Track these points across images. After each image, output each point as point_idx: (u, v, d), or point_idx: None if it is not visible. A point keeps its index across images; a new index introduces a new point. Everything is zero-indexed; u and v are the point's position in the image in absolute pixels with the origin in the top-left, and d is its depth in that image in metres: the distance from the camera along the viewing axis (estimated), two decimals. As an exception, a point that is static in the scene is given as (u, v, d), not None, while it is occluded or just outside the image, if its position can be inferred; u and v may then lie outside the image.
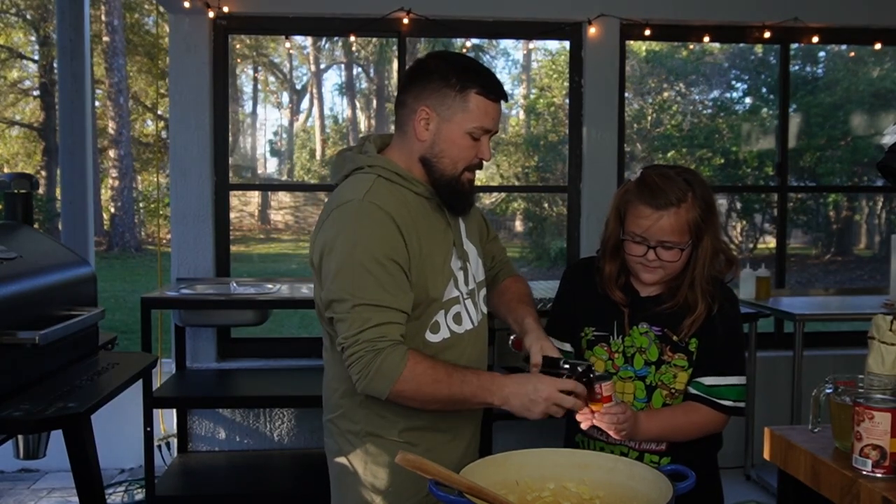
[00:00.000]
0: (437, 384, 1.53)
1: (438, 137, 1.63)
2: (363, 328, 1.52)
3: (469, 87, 1.60)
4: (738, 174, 13.54)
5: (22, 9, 17.27)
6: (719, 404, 1.72)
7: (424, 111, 1.62)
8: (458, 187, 1.66)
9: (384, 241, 1.55)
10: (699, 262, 1.72)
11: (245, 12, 3.99)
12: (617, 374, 1.75)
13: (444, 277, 1.64)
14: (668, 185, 1.69)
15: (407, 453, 1.22)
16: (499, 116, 1.66)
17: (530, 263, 14.93)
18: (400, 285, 1.56)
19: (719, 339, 1.74)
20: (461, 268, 1.69)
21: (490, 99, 1.62)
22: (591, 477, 1.38)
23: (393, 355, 1.51)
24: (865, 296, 4.38)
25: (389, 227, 1.56)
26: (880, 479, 1.33)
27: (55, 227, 12.70)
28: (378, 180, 1.62)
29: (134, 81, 17.57)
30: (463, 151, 1.63)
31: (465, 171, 1.66)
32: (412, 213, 1.62)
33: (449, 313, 1.66)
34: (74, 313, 2.24)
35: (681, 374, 1.70)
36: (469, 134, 1.61)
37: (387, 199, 1.59)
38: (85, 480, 2.12)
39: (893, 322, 1.50)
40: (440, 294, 1.63)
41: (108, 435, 3.12)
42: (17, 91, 17.79)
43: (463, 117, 1.61)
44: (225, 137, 4.10)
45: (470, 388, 1.54)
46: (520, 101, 17.83)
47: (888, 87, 13.28)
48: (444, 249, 1.66)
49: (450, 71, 1.61)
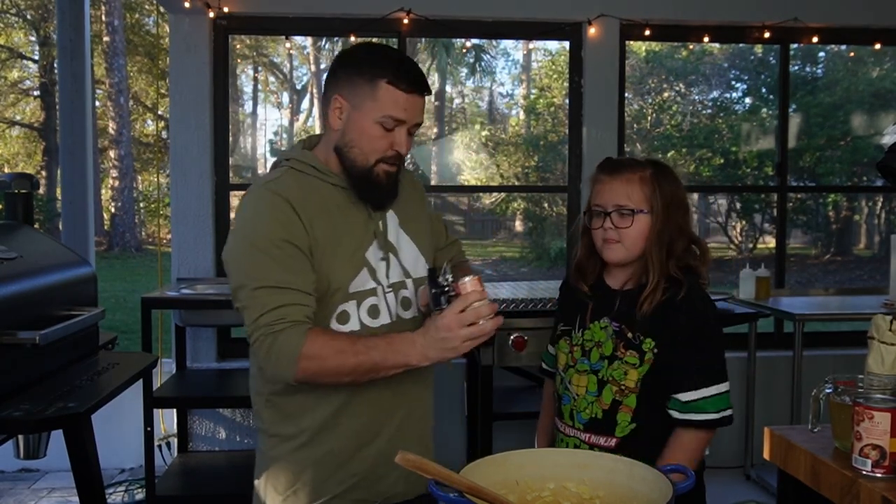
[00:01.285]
0: (341, 354, 1.48)
1: (349, 127, 1.58)
2: (262, 312, 1.48)
3: (379, 76, 1.54)
4: (737, 174, 13.55)
5: (22, 9, 17.29)
6: (700, 421, 1.66)
7: (338, 100, 1.58)
8: (372, 179, 1.59)
9: (280, 224, 1.52)
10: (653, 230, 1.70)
11: (245, 12, 3.99)
12: (574, 366, 1.77)
13: (353, 266, 1.59)
14: (628, 160, 1.78)
15: (407, 453, 1.22)
16: (416, 108, 1.59)
17: (530, 263, 14.95)
18: (300, 266, 1.52)
19: (684, 343, 1.67)
20: (382, 259, 1.63)
21: (400, 89, 1.55)
22: (591, 477, 1.38)
23: (290, 334, 1.47)
24: (865, 296, 4.38)
25: (285, 210, 1.52)
26: (880, 478, 1.33)
27: (55, 227, 12.71)
28: (288, 171, 1.61)
29: (134, 81, 17.59)
30: (373, 142, 1.57)
31: (381, 164, 1.59)
32: (322, 202, 1.58)
33: (363, 305, 1.60)
34: (74, 313, 2.24)
35: (631, 371, 1.68)
36: (380, 124, 1.56)
37: (287, 186, 1.56)
38: (85, 480, 2.12)
39: (893, 322, 1.50)
40: (345, 283, 1.58)
41: (108, 435, 3.12)
42: (18, 91, 17.81)
43: (372, 106, 1.55)
44: (225, 137, 4.10)
45: (379, 352, 1.48)
46: (520, 101, 17.86)
47: (888, 87, 13.30)
48: (359, 239, 1.61)
49: (362, 60, 1.57)
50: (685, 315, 1.68)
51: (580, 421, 1.74)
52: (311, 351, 1.46)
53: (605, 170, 1.76)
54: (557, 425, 1.81)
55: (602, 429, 1.71)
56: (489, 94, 19.11)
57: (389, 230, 1.66)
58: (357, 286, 1.59)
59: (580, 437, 1.75)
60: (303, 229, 1.53)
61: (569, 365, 1.79)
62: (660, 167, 1.76)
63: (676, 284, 1.69)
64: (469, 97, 19.34)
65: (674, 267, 1.71)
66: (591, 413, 1.72)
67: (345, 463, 1.62)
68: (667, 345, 1.67)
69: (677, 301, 1.67)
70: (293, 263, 1.51)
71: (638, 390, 1.68)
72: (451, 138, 17.85)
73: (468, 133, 17.33)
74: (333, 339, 1.50)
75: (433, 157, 17.64)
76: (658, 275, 1.69)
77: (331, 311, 1.58)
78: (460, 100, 19.41)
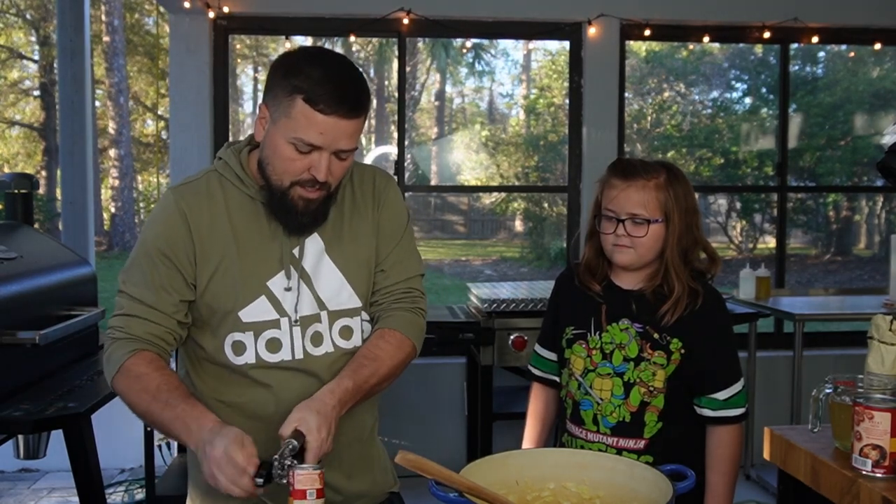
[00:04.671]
0: (140, 394, 1.36)
1: (267, 141, 1.41)
2: (115, 313, 1.45)
3: (297, 90, 1.35)
4: (737, 174, 13.55)
5: (22, 9, 17.29)
6: (735, 416, 1.72)
7: (262, 109, 1.42)
8: (285, 203, 1.42)
9: (164, 235, 1.43)
10: (669, 242, 1.71)
11: (245, 12, 3.99)
12: (595, 370, 1.74)
13: (248, 292, 1.44)
14: (641, 163, 1.74)
15: (407, 452, 1.22)
16: (336, 132, 1.37)
17: (530, 263, 14.95)
18: (168, 283, 1.42)
19: (713, 344, 1.72)
20: (288, 289, 1.46)
21: (317, 110, 1.34)
22: (591, 477, 1.38)
23: (120, 346, 1.40)
24: (865, 296, 4.39)
25: (175, 221, 1.43)
26: (880, 479, 1.33)
27: (55, 227, 12.71)
28: (210, 174, 1.50)
29: (134, 81, 17.59)
30: (286, 163, 1.39)
31: (296, 187, 1.40)
32: (228, 215, 1.45)
33: (261, 337, 1.45)
34: (74, 313, 2.24)
35: (659, 371, 1.69)
36: (292, 144, 1.37)
37: (194, 195, 1.46)
38: (85, 480, 2.12)
39: (893, 322, 1.50)
40: (233, 309, 1.44)
41: (108, 435, 3.12)
42: (18, 91, 17.80)
43: (285, 123, 1.36)
44: (225, 137, 4.10)
45: (171, 413, 1.33)
46: (520, 101, 17.85)
47: (888, 87, 13.29)
48: (262, 264, 1.46)
49: (287, 69, 1.38)
50: (710, 317, 1.72)
51: (606, 425, 1.71)
52: (124, 375, 1.39)
53: (619, 174, 1.73)
54: (574, 431, 1.77)
55: (630, 431, 1.71)
56: (489, 94, 19.11)
57: (307, 256, 1.48)
58: (253, 316, 1.45)
59: (606, 441, 1.72)
60: (189, 244, 1.43)
61: (588, 369, 1.74)
62: (672, 171, 1.74)
63: (694, 290, 1.72)
64: (469, 97, 19.33)
65: (689, 275, 1.73)
66: (619, 416, 1.71)
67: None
68: (695, 345, 1.70)
69: (699, 306, 1.71)
70: (159, 280, 1.42)
71: (665, 390, 1.70)
72: (451, 138, 17.84)
73: (468, 133, 17.32)
74: (144, 377, 1.37)
75: (433, 157, 17.63)
76: (682, 287, 1.70)
77: (222, 339, 1.46)
78: (460, 100, 19.40)
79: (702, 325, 1.71)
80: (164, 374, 1.38)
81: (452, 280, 13.26)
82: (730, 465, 1.72)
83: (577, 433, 1.76)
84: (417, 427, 3.95)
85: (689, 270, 1.74)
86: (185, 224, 1.43)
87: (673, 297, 1.70)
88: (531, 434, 1.90)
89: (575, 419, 1.77)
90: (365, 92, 1.41)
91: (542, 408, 1.90)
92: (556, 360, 1.86)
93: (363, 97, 1.40)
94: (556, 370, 1.86)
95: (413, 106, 16.54)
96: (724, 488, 1.72)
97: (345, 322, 1.51)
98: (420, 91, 17.68)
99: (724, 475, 1.72)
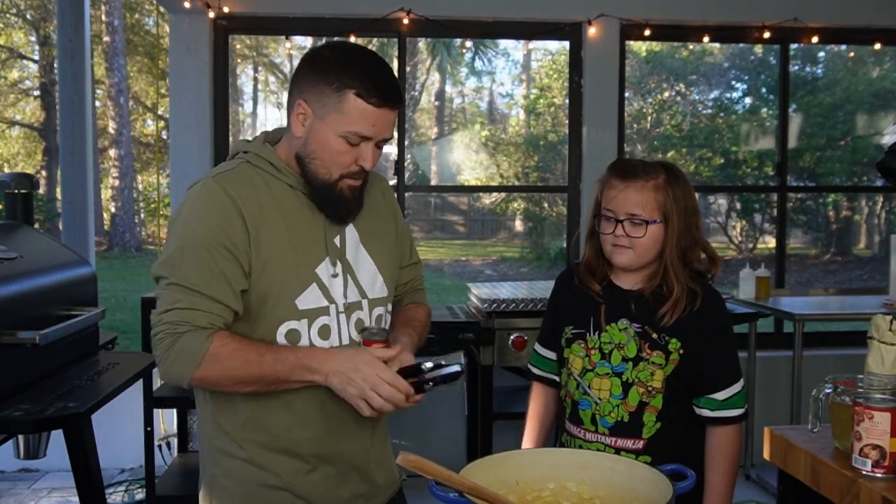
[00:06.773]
0: (247, 365, 1.39)
1: (311, 136, 1.45)
2: (170, 308, 1.40)
3: (347, 86, 1.41)
4: (737, 174, 13.55)
5: (22, 9, 17.28)
6: (734, 417, 1.72)
7: (301, 106, 1.45)
8: (334, 195, 1.48)
9: (218, 226, 1.41)
10: (668, 243, 1.71)
11: (245, 12, 4.00)
12: (594, 370, 1.74)
13: (300, 281, 1.47)
14: (640, 164, 1.74)
15: (408, 454, 1.22)
16: (385, 123, 1.45)
17: (530, 263, 14.94)
18: (223, 273, 1.41)
19: (712, 344, 1.72)
20: (335, 275, 1.50)
21: (370, 103, 1.41)
22: (591, 477, 1.38)
23: (193, 337, 1.39)
24: (865, 296, 4.39)
25: (227, 210, 1.42)
26: (880, 479, 1.33)
27: (55, 227, 12.70)
28: (243, 165, 1.49)
29: (134, 81, 17.58)
30: (336, 156, 1.45)
31: (345, 179, 1.47)
32: (275, 204, 1.47)
33: (314, 324, 1.48)
34: (74, 313, 2.24)
35: (658, 371, 1.70)
36: (343, 138, 1.43)
37: (239, 183, 1.45)
38: (85, 480, 2.12)
39: (893, 322, 1.50)
40: (288, 296, 1.46)
41: (108, 435, 3.12)
42: (18, 91, 17.79)
43: (337, 119, 1.42)
44: (225, 137, 4.10)
45: (285, 366, 1.39)
46: (520, 101, 17.85)
47: (888, 87, 13.29)
48: (310, 252, 1.49)
49: (331, 65, 1.43)
50: (709, 317, 1.72)
51: (605, 425, 1.72)
52: (216, 357, 1.39)
53: (618, 174, 1.73)
54: (572, 431, 1.78)
55: (629, 431, 1.71)
56: (489, 94, 19.11)
57: (348, 246, 1.54)
58: (307, 303, 1.47)
59: (604, 441, 1.73)
60: (244, 232, 1.43)
61: (586, 369, 1.75)
62: (672, 171, 1.75)
63: (693, 291, 1.72)
64: (469, 97, 19.33)
65: (688, 275, 1.73)
66: (617, 416, 1.71)
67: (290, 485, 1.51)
68: (694, 345, 1.70)
69: (698, 306, 1.71)
70: (218, 270, 1.41)
71: (664, 390, 1.70)
72: (451, 138, 17.84)
73: (468, 133, 17.32)
74: (241, 349, 1.40)
75: (433, 157, 17.63)
76: (681, 288, 1.70)
77: (274, 326, 1.46)
78: (460, 100, 19.40)
79: (701, 325, 1.71)
80: (252, 341, 1.43)
81: (452, 280, 13.26)
82: (729, 466, 1.72)
83: (576, 433, 1.76)
84: (417, 427, 3.95)
85: (689, 271, 1.74)
86: (237, 212, 1.43)
87: (672, 298, 1.70)
88: (531, 434, 1.90)
89: (573, 419, 1.78)
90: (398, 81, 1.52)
91: (541, 408, 1.91)
92: (555, 359, 1.86)
93: (399, 86, 1.50)
94: (555, 369, 1.86)
95: (413, 106, 16.54)
96: (724, 488, 1.72)
97: (379, 311, 1.59)
98: (420, 91, 17.68)
99: (724, 475, 1.72)
